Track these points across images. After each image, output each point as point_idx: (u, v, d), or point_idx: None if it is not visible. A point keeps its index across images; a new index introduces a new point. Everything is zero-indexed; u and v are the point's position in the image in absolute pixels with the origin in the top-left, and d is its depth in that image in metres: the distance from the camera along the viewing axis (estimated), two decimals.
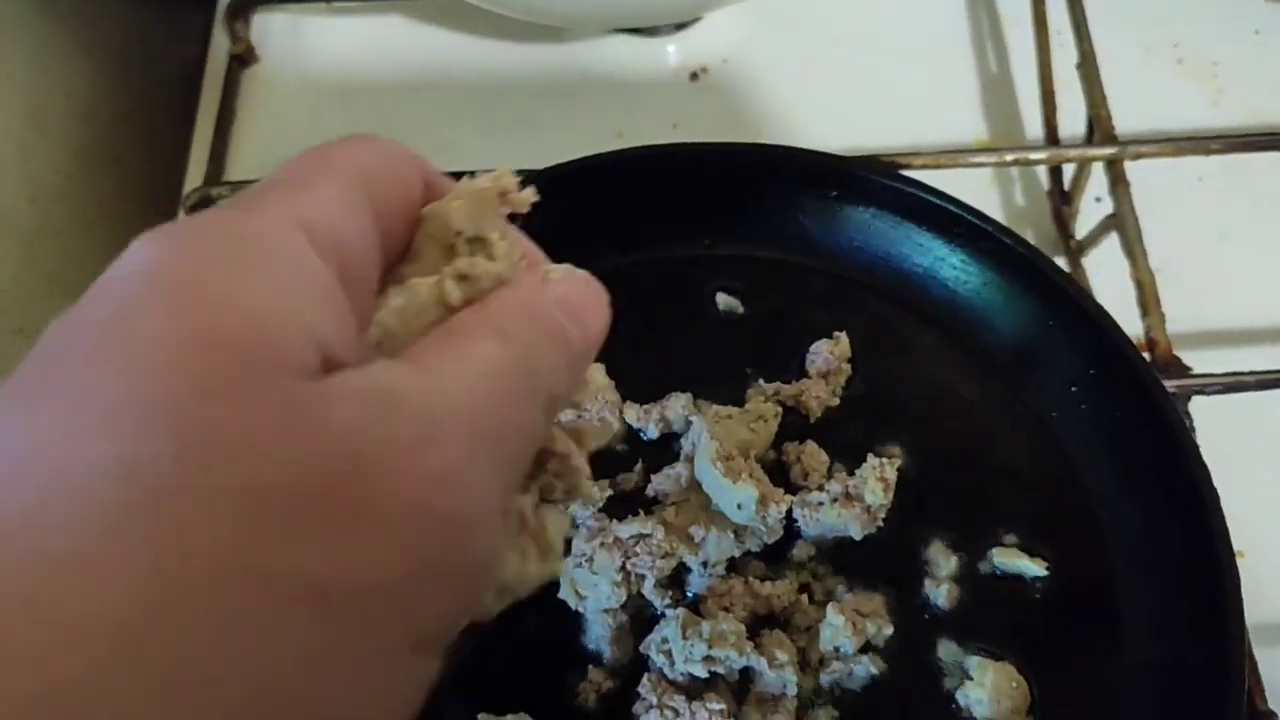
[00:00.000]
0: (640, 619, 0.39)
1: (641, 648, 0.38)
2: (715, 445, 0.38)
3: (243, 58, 0.58)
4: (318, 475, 0.17)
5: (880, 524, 0.40)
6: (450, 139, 0.56)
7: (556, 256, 0.48)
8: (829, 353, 0.43)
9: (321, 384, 0.18)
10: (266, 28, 0.60)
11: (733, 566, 0.40)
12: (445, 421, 0.19)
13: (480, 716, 0.37)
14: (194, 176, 0.55)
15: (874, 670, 0.38)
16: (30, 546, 0.16)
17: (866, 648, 0.39)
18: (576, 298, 0.23)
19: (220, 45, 0.59)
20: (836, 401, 0.43)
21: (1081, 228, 0.52)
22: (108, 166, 0.60)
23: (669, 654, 0.37)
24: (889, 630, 0.39)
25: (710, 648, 0.37)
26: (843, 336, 0.44)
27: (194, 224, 0.20)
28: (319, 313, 0.19)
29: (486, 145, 0.55)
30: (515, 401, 0.21)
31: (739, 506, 0.38)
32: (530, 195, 0.24)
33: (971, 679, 0.38)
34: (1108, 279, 0.49)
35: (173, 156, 0.60)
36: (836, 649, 0.38)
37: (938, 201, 0.44)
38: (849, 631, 0.38)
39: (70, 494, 0.16)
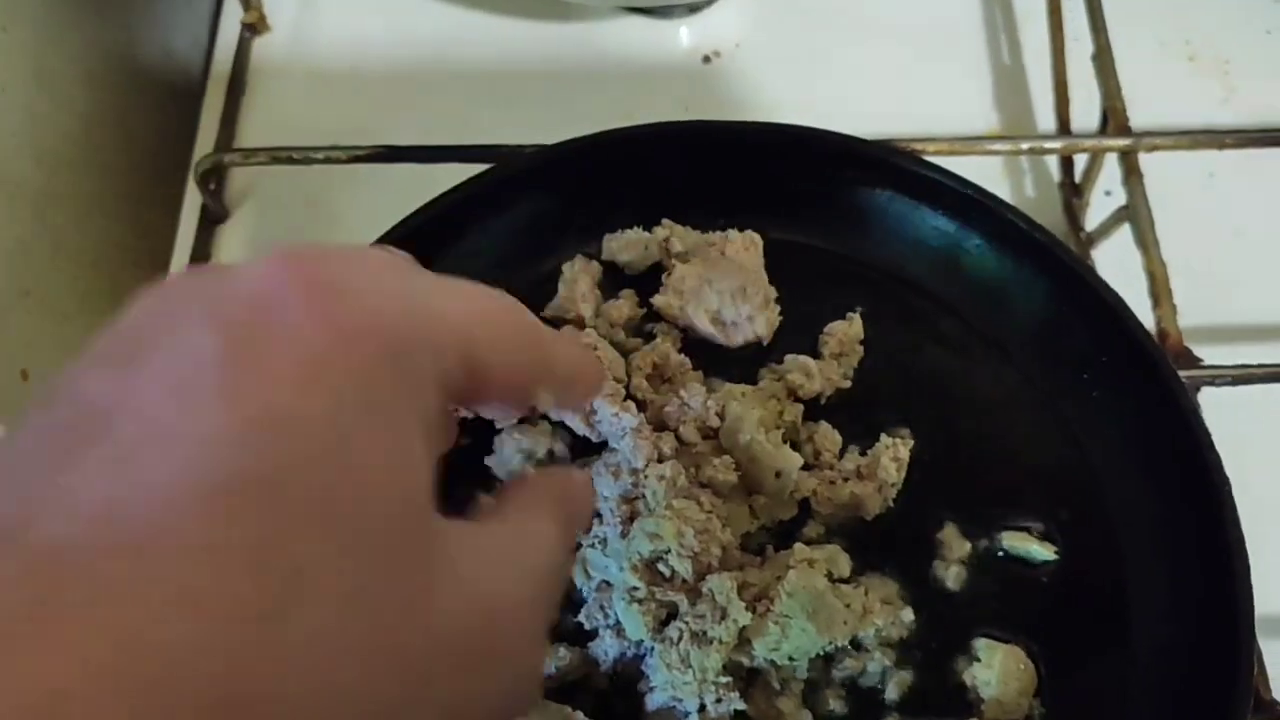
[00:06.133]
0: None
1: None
2: (758, 414, 0.38)
3: (254, 26, 0.58)
4: (461, 632, 0.21)
5: (890, 504, 0.40)
6: (460, 114, 0.56)
7: (574, 229, 0.47)
8: (842, 334, 0.43)
9: (456, 542, 0.22)
10: None
11: (745, 544, 0.40)
12: (533, 587, 0.24)
13: None
14: (204, 143, 0.55)
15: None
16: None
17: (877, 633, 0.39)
18: (581, 487, 0.29)
19: (232, 13, 0.59)
20: (848, 383, 0.43)
21: (1091, 220, 0.52)
22: (114, 133, 0.59)
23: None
24: (909, 617, 0.39)
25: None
26: (856, 318, 0.44)
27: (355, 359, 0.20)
28: (432, 454, 0.22)
29: (494, 122, 0.54)
30: (564, 565, 0.27)
31: (777, 475, 0.38)
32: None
33: (979, 660, 0.38)
34: (1116, 271, 0.49)
35: (179, 124, 0.60)
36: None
37: (956, 186, 0.43)
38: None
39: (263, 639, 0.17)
